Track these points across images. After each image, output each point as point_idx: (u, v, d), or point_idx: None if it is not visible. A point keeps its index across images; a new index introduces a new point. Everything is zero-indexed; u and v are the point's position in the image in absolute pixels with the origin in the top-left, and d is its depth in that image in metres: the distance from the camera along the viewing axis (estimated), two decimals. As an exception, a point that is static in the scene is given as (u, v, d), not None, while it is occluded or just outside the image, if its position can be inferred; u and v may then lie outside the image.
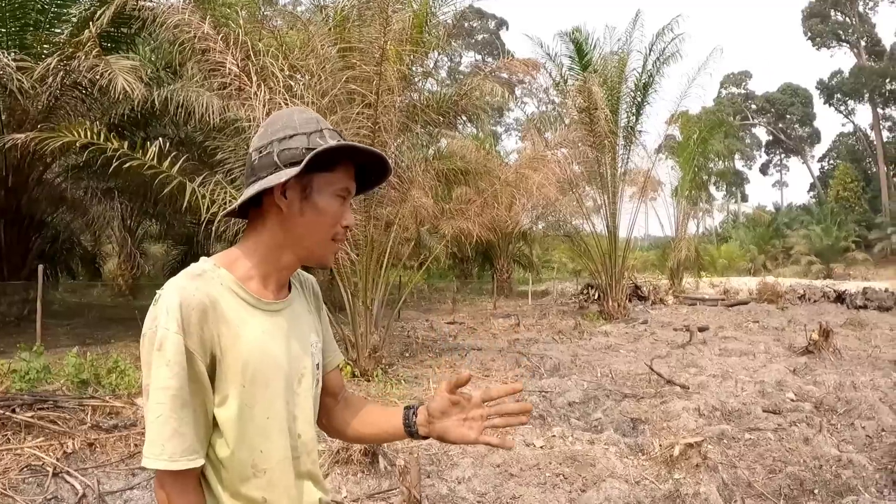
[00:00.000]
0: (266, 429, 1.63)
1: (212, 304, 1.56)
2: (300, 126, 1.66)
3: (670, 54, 19.77)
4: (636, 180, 22.80)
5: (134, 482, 5.62)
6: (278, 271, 1.73)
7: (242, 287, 1.65)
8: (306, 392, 1.76)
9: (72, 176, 17.01)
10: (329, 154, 1.62)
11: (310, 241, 1.69)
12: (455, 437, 1.79)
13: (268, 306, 1.69)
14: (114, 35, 13.84)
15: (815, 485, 5.79)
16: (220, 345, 1.57)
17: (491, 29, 74.81)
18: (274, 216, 1.68)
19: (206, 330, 1.54)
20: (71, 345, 11.05)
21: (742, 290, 29.73)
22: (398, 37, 10.05)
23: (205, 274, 1.62)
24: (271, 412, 1.64)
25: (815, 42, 73.95)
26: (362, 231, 10.52)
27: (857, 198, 63.99)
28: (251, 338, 1.61)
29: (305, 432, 1.74)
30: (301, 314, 1.83)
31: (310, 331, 1.84)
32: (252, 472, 1.62)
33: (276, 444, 1.65)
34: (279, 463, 1.66)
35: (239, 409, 1.59)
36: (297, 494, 1.70)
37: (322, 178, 1.65)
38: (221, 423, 1.60)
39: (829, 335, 12.28)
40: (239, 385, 1.59)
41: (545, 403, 8.64)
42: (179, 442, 1.51)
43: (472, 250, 30.73)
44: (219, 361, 1.58)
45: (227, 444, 1.60)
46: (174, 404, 1.50)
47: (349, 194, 1.72)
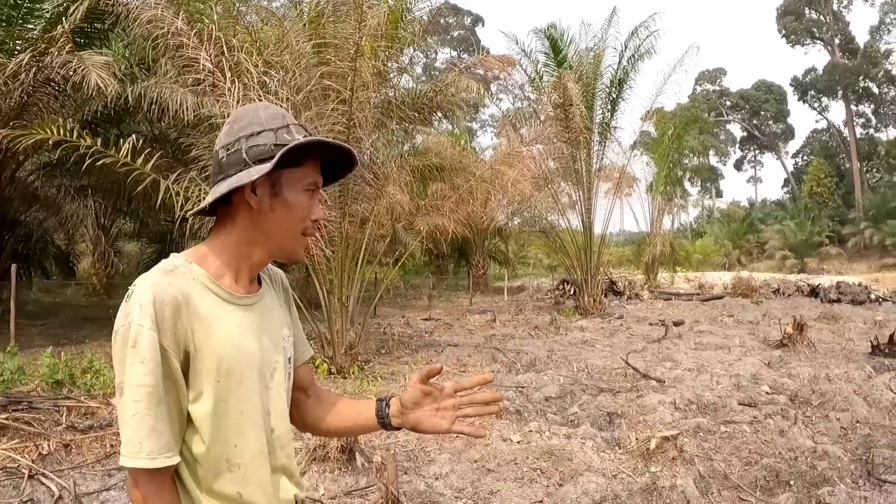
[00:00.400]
0: (240, 424, 1.62)
1: (185, 299, 1.55)
2: (267, 122, 1.65)
3: (645, 51, 19.85)
4: (611, 176, 22.86)
5: (110, 483, 5.59)
6: (249, 267, 1.72)
7: (215, 282, 1.64)
8: (279, 386, 1.75)
9: (45, 174, 16.85)
10: (297, 149, 1.62)
11: (280, 236, 1.69)
12: (428, 426, 1.81)
13: (240, 301, 1.68)
14: (87, 31, 13.71)
15: (790, 476, 5.84)
16: (193, 341, 1.56)
17: (467, 25, 74.82)
18: (244, 213, 1.67)
19: (179, 326, 1.53)
20: (45, 345, 10.96)
21: (717, 285, 29.92)
22: (373, 32, 10.01)
23: (177, 269, 1.61)
24: (245, 407, 1.63)
25: (790, 39, 74.37)
26: (337, 228, 10.49)
27: (830, 193, 64.46)
28: (225, 333, 1.60)
29: (279, 426, 1.74)
30: (272, 308, 1.82)
31: (281, 325, 1.83)
32: (226, 467, 1.61)
33: (250, 439, 1.64)
34: (253, 458, 1.65)
35: (213, 405, 1.58)
36: (272, 490, 1.69)
37: (291, 173, 1.65)
38: (196, 420, 1.59)
39: (803, 329, 12.38)
40: (213, 381, 1.58)
41: (522, 399, 8.65)
42: (157, 439, 1.49)
43: (448, 247, 30.72)
44: (193, 357, 1.56)
45: (202, 440, 1.59)
46: (150, 402, 1.49)
47: (317, 188, 1.72)
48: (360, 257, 11.24)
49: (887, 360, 10.60)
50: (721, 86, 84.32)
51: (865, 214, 56.18)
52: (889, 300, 23.07)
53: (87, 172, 12.93)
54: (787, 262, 50.92)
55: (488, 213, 21.44)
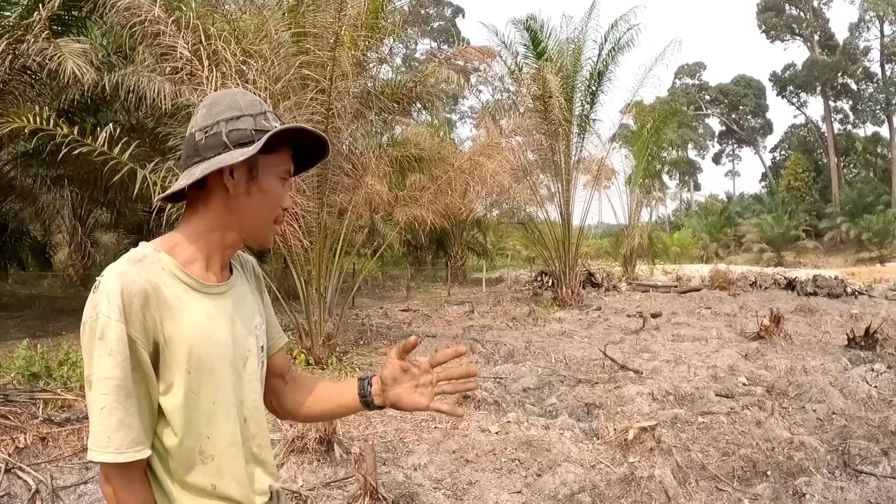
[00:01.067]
0: (212, 414, 1.61)
1: (154, 289, 1.53)
2: (246, 107, 1.64)
3: (625, 44, 19.85)
4: (590, 168, 22.86)
5: (88, 476, 5.55)
6: (221, 252, 1.70)
7: (184, 271, 1.62)
8: (251, 375, 1.73)
9: (20, 163, 16.70)
10: (274, 136, 1.60)
11: (253, 221, 1.68)
12: (407, 403, 1.83)
13: (211, 289, 1.66)
14: (64, 18, 13.57)
15: (767, 466, 5.87)
16: (162, 331, 1.54)
17: (447, 16, 74.69)
18: (219, 197, 1.65)
19: (148, 317, 1.51)
20: (21, 337, 10.87)
21: (694, 277, 30.03)
22: (353, 22, 9.96)
23: (145, 259, 1.59)
24: (217, 397, 1.61)
25: (770, 35, 74.67)
26: (315, 218, 10.46)
27: (807, 188, 64.94)
28: (195, 323, 1.58)
29: (251, 416, 1.72)
30: (244, 296, 1.80)
31: (254, 312, 1.81)
32: (199, 459, 1.60)
33: (222, 430, 1.63)
34: (227, 449, 1.63)
35: (185, 396, 1.57)
36: (246, 481, 1.67)
37: (267, 159, 1.64)
38: (167, 412, 1.57)
39: (779, 321, 12.45)
40: (184, 371, 1.56)
41: (500, 390, 8.67)
42: (126, 433, 1.48)
43: (427, 238, 30.79)
44: (162, 349, 1.54)
45: (174, 432, 1.57)
46: (118, 395, 1.47)
47: (289, 176, 1.73)
48: (339, 248, 11.21)
49: (863, 353, 10.66)
50: (700, 80, 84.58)
51: (842, 209, 56.65)
52: (865, 294, 23.21)
53: (63, 162, 12.84)
54: (765, 256, 51.25)
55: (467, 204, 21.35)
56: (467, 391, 1.82)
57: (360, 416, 7.53)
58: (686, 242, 49.67)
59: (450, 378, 1.84)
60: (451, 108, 65.45)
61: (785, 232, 52.92)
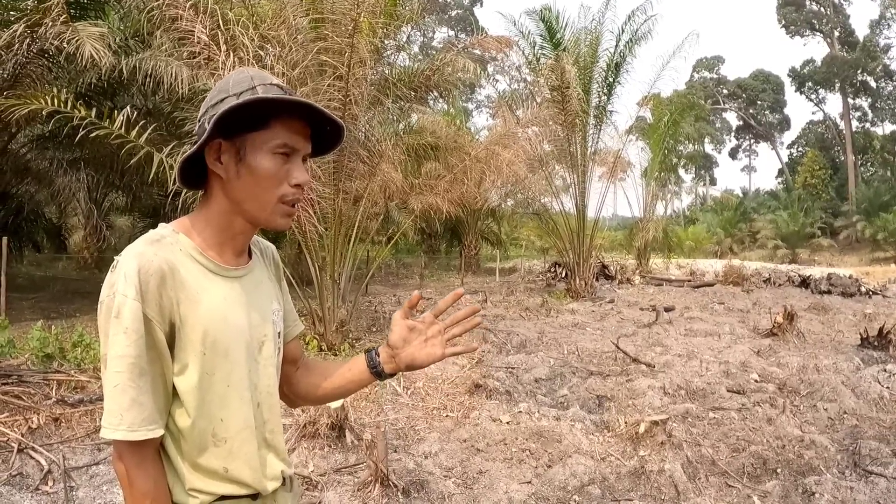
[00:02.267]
0: (226, 397, 1.61)
1: (171, 270, 1.53)
2: (232, 87, 1.60)
3: (642, 35, 19.75)
4: (606, 160, 22.82)
5: (100, 457, 5.59)
6: (233, 238, 1.69)
7: (202, 253, 1.62)
8: (266, 360, 1.73)
9: (37, 146, 16.77)
10: (260, 111, 1.57)
11: (251, 203, 1.63)
12: (423, 359, 1.84)
13: (228, 273, 1.66)
14: (82, 2, 13.63)
15: (777, 464, 5.85)
16: (179, 312, 1.54)
17: (465, 5, 74.53)
18: (217, 183, 1.65)
19: (164, 296, 1.51)
20: (35, 318, 10.92)
21: (708, 272, 29.91)
22: (371, 9, 9.94)
23: (163, 240, 1.59)
24: (231, 380, 1.61)
25: (789, 30, 74.24)
26: (331, 205, 10.48)
27: (824, 185, 64.59)
28: (211, 304, 1.58)
29: (265, 401, 1.71)
30: (262, 281, 1.80)
31: (271, 298, 1.80)
32: (212, 441, 1.60)
33: (236, 413, 1.62)
34: (239, 432, 1.63)
35: (199, 378, 1.57)
36: (258, 465, 1.66)
37: (255, 136, 1.59)
38: (181, 392, 1.57)
39: (793, 318, 12.39)
40: (199, 353, 1.56)
41: (512, 379, 8.67)
42: (138, 412, 1.47)
43: (441, 226, 30.76)
44: (178, 329, 1.54)
45: (188, 413, 1.57)
46: (132, 373, 1.47)
47: (295, 151, 1.64)
48: (353, 235, 11.23)
49: (876, 353, 10.61)
50: (718, 74, 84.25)
51: (858, 208, 56.26)
52: (879, 294, 23.08)
53: (79, 145, 12.88)
54: (779, 252, 51.04)
55: (482, 193, 21.36)
56: (475, 327, 1.77)
57: (372, 403, 7.56)
58: (700, 237, 49.47)
59: (455, 321, 1.86)
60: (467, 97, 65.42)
61: (800, 229, 52.67)
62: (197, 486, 1.60)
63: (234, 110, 1.53)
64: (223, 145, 1.59)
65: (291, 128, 1.62)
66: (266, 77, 1.64)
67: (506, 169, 14.81)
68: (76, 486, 5.11)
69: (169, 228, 1.64)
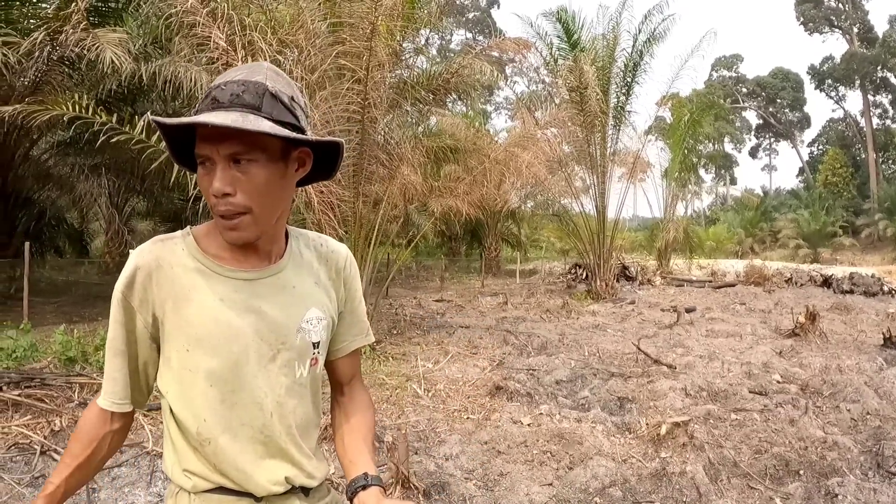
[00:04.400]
0: (209, 398, 1.61)
1: (161, 266, 1.60)
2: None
3: (660, 34, 19.72)
4: (625, 161, 22.77)
5: (121, 459, 5.61)
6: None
7: (202, 253, 1.65)
8: (282, 369, 1.69)
9: (58, 152, 16.92)
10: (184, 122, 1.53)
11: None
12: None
13: (231, 273, 1.65)
14: (101, 9, 13.73)
15: (800, 466, 5.81)
16: (163, 307, 1.60)
17: (482, 7, 74.61)
18: None
19: (149, 291, 1.60)
20: (58, 322, 11.01)
21: (729, 273, 29.79)
22: (389, 12, 9.95)
23: (169, 240, 1.66)
24: (215, 381, 1.61)
25: (808, 27, 73.90)
26: (350, 208, 10.50)
27: (845, 183, 64.18)
28: (202, 304, 1.60)
29: (275, 411, 1.68)
30: (294, 286, 1.74)
31: (307, 305, 1.75)
32: (199, 439, 1.62)
33: (218, 416, 1.62)
34: (223, 434, 1.62)
35: (179, 373, 1.62)
36: (248, 469, 1.65)
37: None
38: (166, 384, 1.66)
39: (815, 318, 12.31)
40: (181, 348, 1.60)
41: (532, 381, 8.66)
42: (109, 386, 1.68)
43: (461, 228, 30.80)
44: (161, 323, 1.62)
45: (176, 404, 1.64)
46: (109, 352, 1.67)
47: (208, 159, 1.55)
48: (373, 238, 11.24)
49: (899, 353, 10.55)
50: (737, 72, 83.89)
51: (880, 206, 55.86)
52: (902, 292, 22.91)
53: (100, 151, 12.99)
54: (800, 252, 50.79)
55: (502, 195, 21.41)
56: None
57: (394, 406, 7.57)
58: (721, 237, 49.29)
59: None
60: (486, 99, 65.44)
61: (821, 228, 52.39)
62: (192, 469, 1.64)
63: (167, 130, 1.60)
64: None
65: (201, 134, 1.55)
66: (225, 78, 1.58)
67: (525, 170, 14.82)
68: (98, 488, 5.13)
69: (185, 230, 1.70)
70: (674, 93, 23.91)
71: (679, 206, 33.02)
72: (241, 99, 1.52)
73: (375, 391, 8.14)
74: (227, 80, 1.56)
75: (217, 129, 1.49)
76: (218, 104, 1.52)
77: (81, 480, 1.75)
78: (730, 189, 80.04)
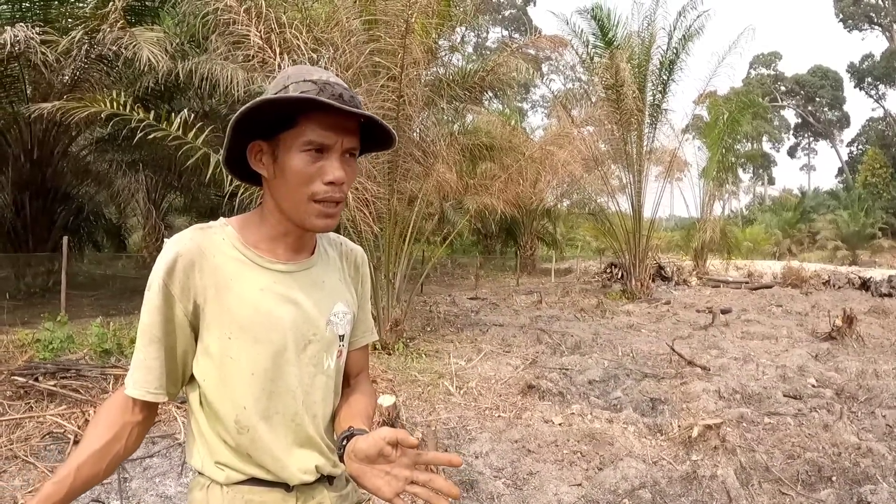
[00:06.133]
0: (250, 385, 1.64)
1: (203, 255, 1.61)
2: (273, 88, 1.64)
3: (695, 31, 19.57)
4: (662, 160, 22.67)
5: (153, 450, 5.68)
6: (284, 235, 1.72)
7: (243, 243, 1.68)
8: (311, 360, 1.73)
9: (97, 149, 17.15)
10: (287, 109, 1.58)
11: (287, 202, 1.64)
12: (369, 486, 1.55)
13: (271, 265, 1.69)
14: (138, 8, 13.88)
15: (833, 472, 5.75)
16: (204, 295, 1.61)
17: (518, 4, 74.45)
18: (264, 183, 1.70)
19: (191, 278, 1.59)
20: (94, 315, 11.14)
21: (766, 274, 29.56)
22: (424, 10, 9.96)
23: (209, 228, 1.68)
24: (256, 369, 1.64)
25: (847, 24, 73.07)
26: (386, 205, 10.53)
27: (885, 184, 63.22)
28: (243, 292, 1.63)
29: (306, 399, 1.73)
30: (324, 281, 1.81)
31: (335, 300, 1.81)
32: (237, 427, 1.63)
33: (258, 404, 1.65)
34: (261, 422, 1.65)
35: (220, 360, 1.62)
36: (283, 458, 1.68)
37: (287, 135, 1.60)
38: (204, 372, 1.64)
39: (852, 322, 12.17)
40: (224, 336, 1.61)
41: (565, 381, 8.64)
42: (143, 374, 1.62)
43: (496, 226, 30.79)
44: (202, 310, 1.61)
45: (214, 392, 1.64)
46: (143, 339, 1.62)
47: (325, 147, 1.60)
48: (408, 235, 11.27)
49: (938, 357, 10.40)
50: (776, 70, 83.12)
51: (921, 207, 55.08)
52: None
53: (138, 147, 13.13)
54: (839, 254, 50.07)
55: (537, 193, 21.31)
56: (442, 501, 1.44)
57: (425, 402, 7.59)
58: (758, 238, 48.79)
59: (428, 485, 1.53)
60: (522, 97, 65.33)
61: (861, 230, 51.65)
62: (224, 461, 1.65)
63: (247, 115, 1.56)
64: (263, 146, 1.63)
65: (322, 123, 1.59)
66: (307, 73, 1.63)
67: (561, 169, 14.78)
68: (130, 478, 5.19)
69: (222, 220, 1.72)
70: (711, 90, 23.72)
71: (716, 206, 32.72)
72: (355, 101, 1.61)
73: (407, 388, 8.16)
74: (321, 78, 1.61)
75: (345, 122, 1.60)
76: (343, 101, 1.57)
77: (95, 473, 1.58)
78: (768, 189, 79.48)
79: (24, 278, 15.12)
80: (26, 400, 6.40)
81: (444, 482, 1.52)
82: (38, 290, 15.04)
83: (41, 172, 15.00)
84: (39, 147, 14.72)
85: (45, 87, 13.00)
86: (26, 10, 13.00)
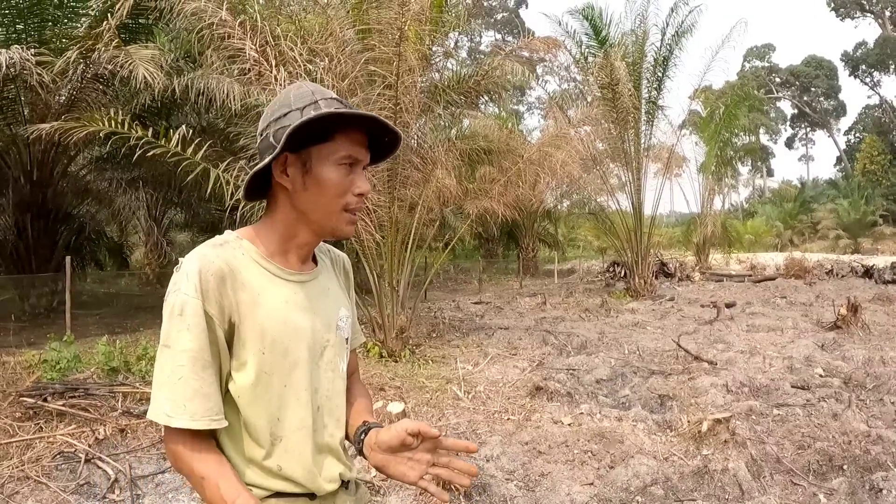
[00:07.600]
0: (283, 397, 1.65)
1: (231, 271, 1.59)
2: (294, 102, 1.65)
3: (688, 27, 19.59)
4: (660, 156, 22.67)
5: (165, 466, 5.70)
6: (297, 247, 1.74)
7: (264, 257, 1.68)
8: (328, 365, 1.76)
9: (96, 167, 17.19)
10: (322, 124, 1.62)
11: (317, 213, 1.69)
12: (394, 472, 1.72)
13: (291, 277, 1.71)
14: (132, 26, 13.88)
15: (843, 460, 5.76)
16: (238, 311, 1.59)
17: (510, 7, 74.46)
18: (282, 194, 1.70)
19: (224, 296, 1.57)
20: (100, 334, 11.17)
21: (769, 266, 29.57)
22: (417, 17, 9.97)
23: (227, 244, 1.66)
24: (290, 381, 1.65)
25: (839, 13, 73.00)
26: (387, 213, 10.53)
27: (884, 171, 63.10)
28: (272, 306, 1.63)
29: (325, 405, 1.75)
30: (329, 288, 1.85)
31: (339, 305, 1.86)
32: (270, 440, 1.63)
33: (292, 414, 1.66)
34: (294, 432, 1.66)
35: (256, 376, 1.61)
36: (312, 467, 1.69)
37: (321, 149, 1.64)
38: (239, 389, 1.62)
39: (857, 310, 12.18)
40: (258, 352, 1.61)
41: (573, 381, 8.65)
42: (202, 402, 1.53)
43: (497, 230, 30.77)
44: (237, 328, 1.60)
45: (245, 410, 1.62)
46: (195, 366, 1.53)
47: (357, 162, 1.69)
48: (410, 242, 11.27)
49: (944, 342, 10.41)
50: (770, 62, 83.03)
51: (921, 192, 55.02)
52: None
53: (137, 165, 13.16)
54: (841, 243, 50.04)
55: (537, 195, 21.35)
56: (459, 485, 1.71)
57: (434, 408, 7.59)
58: (760, 230, 48.81)
59: (448, 466, 1.71)
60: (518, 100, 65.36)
61: (861, 217, 51.62)
62: (251, 481, 1.64)
63: (305, 125, 1.58)
64: (289, 158, 1.65)
65: (354, 139, 1.67)
66: (324, 91, 1.69)
67: (560, 170, 14.74)
68: (142, 495, 5.21)
69: (233, 235, 1.71)
70: (706, 85, 23.76)
71: (716, 200, 32.70)
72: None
73: (415, 394, 8.17)
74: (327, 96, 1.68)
75: (363, 137, 1.70)
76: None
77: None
78: (767, 181, 79.32)
79: (29, 299, 15.12)
80: (35, 421, 6.42)
81: (463, 463, 1.71)
82: (42, 311, 15.04)
83: (41, 193, 15.01)
84: (39, 168, 14.73)
85: (42, 108, 13.02)
86: (21, 31, 13.02)
